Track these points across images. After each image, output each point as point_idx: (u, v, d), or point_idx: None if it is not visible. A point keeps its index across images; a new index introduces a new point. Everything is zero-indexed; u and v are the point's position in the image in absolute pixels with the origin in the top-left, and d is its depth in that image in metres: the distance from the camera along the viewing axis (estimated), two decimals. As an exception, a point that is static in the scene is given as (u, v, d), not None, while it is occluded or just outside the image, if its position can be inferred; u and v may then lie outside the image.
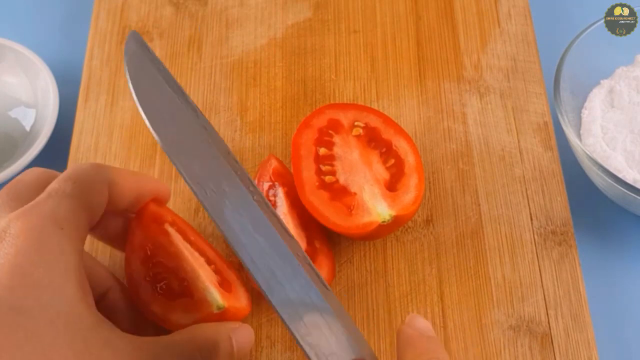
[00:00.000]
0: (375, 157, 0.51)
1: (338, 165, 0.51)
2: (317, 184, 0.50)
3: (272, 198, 0.51)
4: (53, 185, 0.41)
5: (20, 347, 0.35)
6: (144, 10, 0.64)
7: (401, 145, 0.51)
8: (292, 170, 0.51)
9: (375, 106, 0.57)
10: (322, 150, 0.51)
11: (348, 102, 0.58)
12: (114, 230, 0.48)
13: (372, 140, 0.52)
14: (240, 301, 0.47)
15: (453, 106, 0.57)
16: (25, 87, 0.61)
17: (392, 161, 0.51)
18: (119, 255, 0.51)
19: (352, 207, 0.49)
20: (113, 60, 0.61)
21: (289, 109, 0.58)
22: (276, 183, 0.51)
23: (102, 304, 0.46)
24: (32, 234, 0.38)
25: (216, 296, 0.45)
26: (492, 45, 0.60)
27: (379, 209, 0.48)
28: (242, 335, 0.44)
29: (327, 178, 0.50)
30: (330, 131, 0.52)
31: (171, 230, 0.48)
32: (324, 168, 0.51)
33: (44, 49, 0.62)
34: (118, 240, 0.48)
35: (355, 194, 0.50)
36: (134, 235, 0.47)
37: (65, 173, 0.42)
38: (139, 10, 0.64)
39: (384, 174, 0.51)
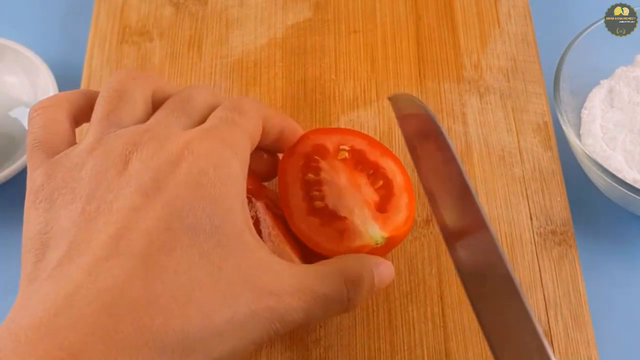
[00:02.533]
0: (363, 180, 0.50)
1: (326, 190, 0.49)
2: (306, 210, 0.49)
3: (252, 214, 0.49)
4: (221, 113, 0.43)
5: (193, 266, 0.37)
6: (144, 10, 0.64)
7: (388, 166, 0.50)
8: (279, 197, 0.50)
9: (375, 106, 0.58)
10: (309, 176, 0.50)
11: (348, 102, 0.58)
12: (262, 161, 0.50)
13: (359, 163, 0.50)
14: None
15: (453, 106, 0.57)
16: (26, 87, 0.61)
17: (381, 182, 0.50)
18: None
19: (343, 232, 0.48)
20: (113, 60, 0.61)
21: (289, 108, 0.58)
22: (252, 198, 0.50)
23: None
24: (213, 155, 0.39)
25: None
26: (492, 46, 0.60)
27: (370, 231, 0.47)
28: (383, 270, 0.45)
29: (316, 204, 0.49)
30: (316, 157, 0.50)
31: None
32: (312, 194, 0.49)
33: (44, 49, 0.62)
34: (264, 172, 0.50)
35: (345, 218, 0.48)
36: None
37: (229, 103, 0.43)
38: (139, 10, 0.64)
39: (373, 196, 0.49)
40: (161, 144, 0.40)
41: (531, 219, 0.52)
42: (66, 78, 0.61)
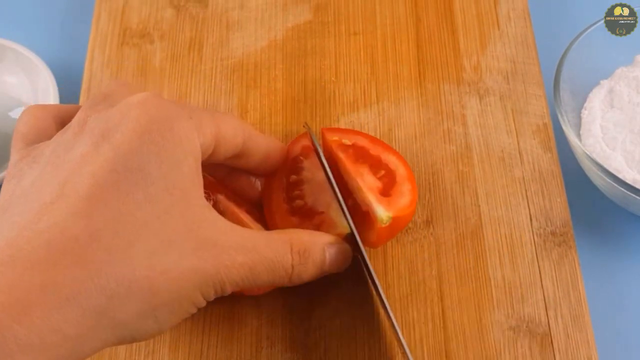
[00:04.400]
0: (365, 170, 0.50)
1: (307, 189, 0.51)
2: (286, 211, 0.50)
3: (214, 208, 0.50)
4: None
5: (140, 208, 0.38)
6: (144, 12, 0.64)
7: (390, 160, 0.51)
8: (263, 202, 0.51)
9: (375, 108, 0.58)
10: (293, 177, 0.51)
11: (348, 104, 0.58)
12: (245, 182, 0.51)
13: (361, 157, 0.51)
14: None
15: (453, 108, 0.57)
16: (26, 88, 0.61)
17: (382, 172, 0.51)
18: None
19: (319, 226, 0.49)
20: (114, 61, 0.61)
21: (290, 110, 0.58)
22: (210, 193, 0.50)
23: None
24: (165, 111, 0.40)
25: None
26: (492, 48, 0.60)
27: (377, 212, 0.48)
28: (335, 251, 0.47)
29: (297, 203, 0.50)
30: (300, 157, 0.52)
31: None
32: (293, 194, 0.50)
33: (44, 49, 0.62)
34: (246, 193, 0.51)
35: (322, 212, 0.50)
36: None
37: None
38: (139, 12, 0.64)
39: (376, 183, 0.50)
40: (116, 104, 0.41)
41: (531, 220, 0.52)
42: (66, 78, 0.61)
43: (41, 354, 0.34)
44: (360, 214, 0.49)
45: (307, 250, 0.45)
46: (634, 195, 0.49)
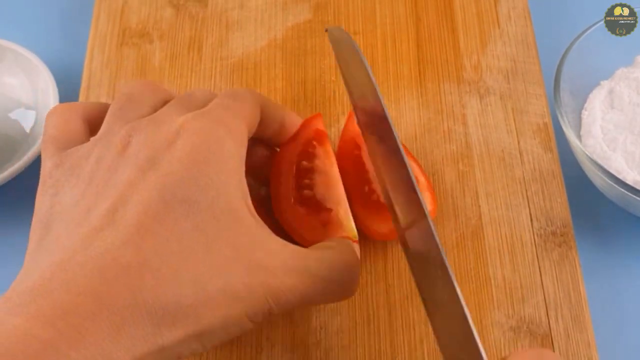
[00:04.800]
0: None
1: (317, 179, 0.50)
2: (293, 199, 0.49)
3: None
4: (217, 100, 0.45)
5: (187, 236, 0.38)
6: (144, 12, 0.64)
7: (413, 166, 0.51)
8: (270, 185, 0.50)
9: (375, 107, 0.57)
10: (304, 163, 0.50)
11: (348, 104, 0.58)
12: (259, 158, 0.51)
13: None
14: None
15: (453, 107, 0.57)
16: (25, 89, 0.61)
17: None
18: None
19: (326, 224, 0.49)
20: (113, 61, 0.61)
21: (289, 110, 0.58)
22: None
23: None
24: (206, 133, 0.41)
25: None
26: (492, 47, 0.60)
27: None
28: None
29: (305, 192, 0.50)
30: (313, 142, 0.51)
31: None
32: (303, 182, 0.50)
33: (44, 50, 0.62)
34: (258, 170, 0.51)
35: (331, 210, 0.49)
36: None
37: (225, 91, 0.46)
38: (139, 12, 0.64)
39: None
40: (158, 126, 0.41)
41: (531, 220, 0.52)
42: (66, 79, 0.61)
43: None
44: (374, 203, 0.50)
45: (358, 262, 0.45)
46: (634, 196, 0.49)
